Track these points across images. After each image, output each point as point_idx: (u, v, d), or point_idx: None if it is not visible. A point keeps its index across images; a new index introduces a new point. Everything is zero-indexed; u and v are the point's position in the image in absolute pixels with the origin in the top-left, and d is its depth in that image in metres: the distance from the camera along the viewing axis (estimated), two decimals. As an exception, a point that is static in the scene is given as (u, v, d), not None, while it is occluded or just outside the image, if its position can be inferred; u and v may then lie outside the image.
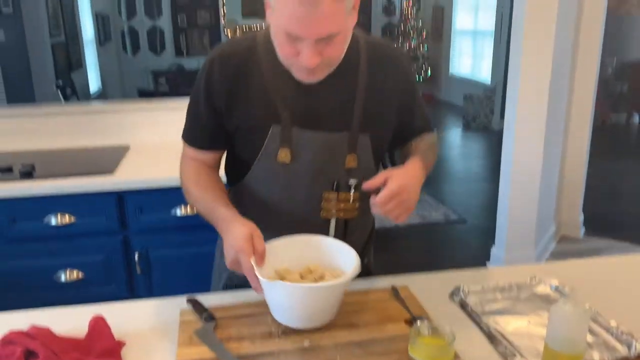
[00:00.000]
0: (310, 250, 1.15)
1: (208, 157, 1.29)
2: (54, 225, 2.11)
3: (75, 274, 2.17)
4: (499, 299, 1.22)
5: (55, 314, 1.18)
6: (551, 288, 1.24)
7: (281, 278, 1.07)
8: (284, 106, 1.16)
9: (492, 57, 8.18)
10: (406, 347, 1.00)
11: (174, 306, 1.18)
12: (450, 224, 4.22)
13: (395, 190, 1.07)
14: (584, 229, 3.94)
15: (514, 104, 3.14)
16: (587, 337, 1.06)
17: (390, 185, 1.08)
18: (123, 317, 1.15)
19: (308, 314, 1.05)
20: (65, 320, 1.13)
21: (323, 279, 1.09)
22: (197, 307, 1.14)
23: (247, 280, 1.05)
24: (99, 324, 1.06)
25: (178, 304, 1.19)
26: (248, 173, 1.23)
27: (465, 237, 4.03)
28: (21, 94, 5.70)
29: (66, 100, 5.81)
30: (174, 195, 2.16)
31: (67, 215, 2.12)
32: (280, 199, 1.23)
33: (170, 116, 2.72)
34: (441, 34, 10.14)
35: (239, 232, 1.06)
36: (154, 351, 1.05)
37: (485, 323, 1.10)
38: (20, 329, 1.03)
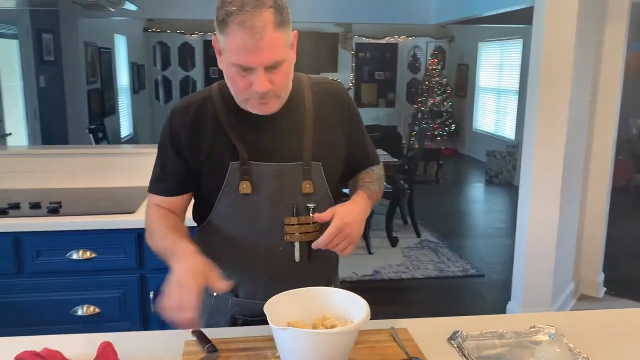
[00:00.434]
0: (322, 302, 1.18)
1: (174, 203, 1.36)
2: (76, 260, 2.19)
3: (92, 309, 2.24)
4: (497, 345, 1.24)
5: (68, 340, 1.24)
6: (549, 336, 1.25)
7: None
8: (240, 144, 1.27)
9: (517, 114, 8.25)
10: (399, 385, 1.03)
11: (180, 338, 1.23)
12: (468, 277, 4.19)
13: (340, 226, 1.19)
14: (604, 289, 3.88)
15: (529, 161, 3.18)
16: (581, 385, 1.08)
17: (335, 222, 1.20)
18: (131, 346, 1.20)
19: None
20: (76, 346, 1.19)
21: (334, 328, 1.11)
22: (201, 339, 1.19)
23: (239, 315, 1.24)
24: (107, 349, 1.11)
25: (184, 336, 1.24)
26: (213, 209, 1.31)
27: (483, 292, 3.99)
28: (56, 135, 5.95)
29: (97, 143, 6.04)
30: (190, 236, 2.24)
31: (89, 251, 2.21)
32: (245, 229, 1.30)
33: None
34: (465, 90, 10.30)
35: (201, 261, 1.14)
36: (157, 379, 1.09)
37: (480, 367, 1.12)
38: (34, 350, 1.09)
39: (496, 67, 9.28)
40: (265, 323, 1.19)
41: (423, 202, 6.35)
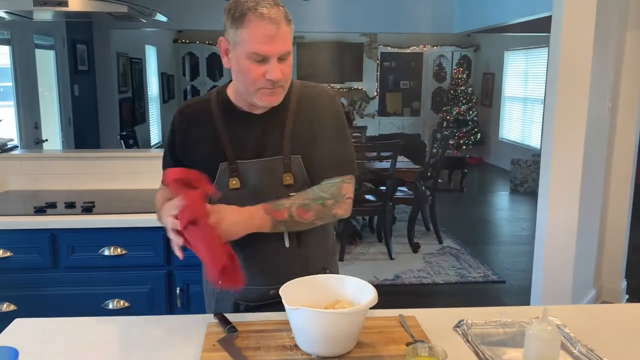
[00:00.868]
0: (334, 288, 1.27)
1: None
2: (107, 256, 2.32)
3: (122, 303, 2.36)
4: (500, 333, 1.30)
5: (102, 322, 1.36)
6: (552, 326, 1.31)
7: None
8: (229, 145, 1.42)
9: (542, 123, 8.21)
10: (403, 364, 1.11)
11: (204, 320, 1.33)
12: (489, 283, 4.22)
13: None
14: (627, 297, 3.86)
15: (548, 168, 3.21)
16: (578, 369, 1.14)
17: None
18: (159, 327, 1.31)
19: (328, 340, 1.14)
20: (109, 329, 1.30)
21: None
22: (223, 321, 1.29)
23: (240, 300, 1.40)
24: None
25: (207, 319, 1.34)
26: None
27: (503, 297, 4.01)
28: (88, 142, 6.17)
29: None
30: (215, 233, 2.35)
31: (119, 248, 2.33)
32: None
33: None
34: (491, 99, 10.29)
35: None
36: (182, 355, 1.19)
37: (481, 350, 1.19)
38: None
39: (522, 76, 9.25)
40: (265, 309, 1.36)
41: (447, 210, 6.39)
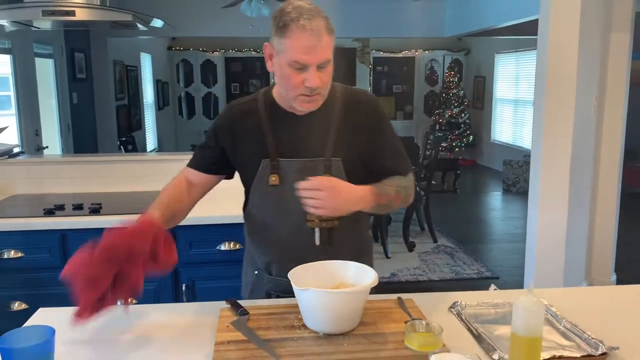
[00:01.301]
0: (338, 272, 1.38)
1: (198, 178, 1.60)
2: (115, 255, 2.40)
3: (130, 300, 2.44)
4: (492, 313, 1.41)
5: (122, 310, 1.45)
6: (539, 306, 1.42)
7: None
8: (272, 143, 1.49)
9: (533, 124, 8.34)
10: (403, 339, 1.21)
11: (217, 306, 1.43)
12: (482, 279, 4.33)
13: (324, 182, 1.35)
14: (617, 289, 3.97)
15: (537, 167, 3.34)
16: (564, 341, 1.25)
17: (323, 178, 1.38)
18: (177, 313, 1.40)
19: (333, 318, 1.24)
20: (132, 315, 1.39)
21: None
22: (235, 306, 1.38)
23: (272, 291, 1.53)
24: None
25: (220, 305, 1.43)
26: (249, 198, 1.56)
27: (497, 293, 4.11)
28: (87, 149, 6.25)
29: (127, 156, 6.30)
30: (220, 231, 2.45)
31: (127, 247, 2.42)
32: (275, 216, 1.52)
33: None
34: (482, 102, 10.44)
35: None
36: (198, 337, 1.29)
37: (474, 327, 1.30)
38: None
39: (512, 78, 9.41)
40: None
41: (441, 210, 6.50)
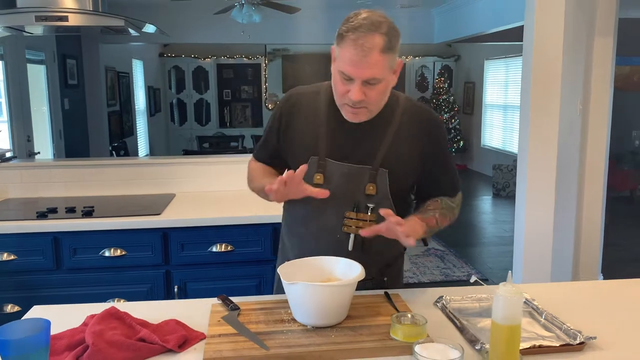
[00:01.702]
0: (327, 268, 1.42)
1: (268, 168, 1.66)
2: (108, 257, 2.43)
3: (123, 302, 2.46)
4: (476, 307, 1.45)
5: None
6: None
7: None
8: (324, 142, 1.51)
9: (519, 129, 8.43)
10: (388, 331, 1.25)
11: (208, 302, 1.46)
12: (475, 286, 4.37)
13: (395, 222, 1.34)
14: (604, 290, 4.03)
15: (524, 171, 3.40)
16: (544, 332, 1.29)
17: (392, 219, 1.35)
18: (170, 309, 1.43)
19: (321, 311, 1.27)
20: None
21: None
22: (226, 302, 1.42)
23: None
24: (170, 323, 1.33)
25: (211, 301, 1.47)
26: None
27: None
28: (79, 153, 6.26)
29: (118, 162, 6.31)
30: (211, 233, 2.48)
31: (119, 249, 2.45)
32: (314, 213, 1.53)
33: (211, 170, 3.09)
34: (472, 107, 10.53)
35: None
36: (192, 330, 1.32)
37: (458, 319, 1.34)
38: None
39: (502, 84, 9.51)
40: None
41: (431, 214, 6.54)
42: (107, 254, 2.44)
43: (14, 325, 1.07)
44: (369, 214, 1.50)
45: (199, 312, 1.42)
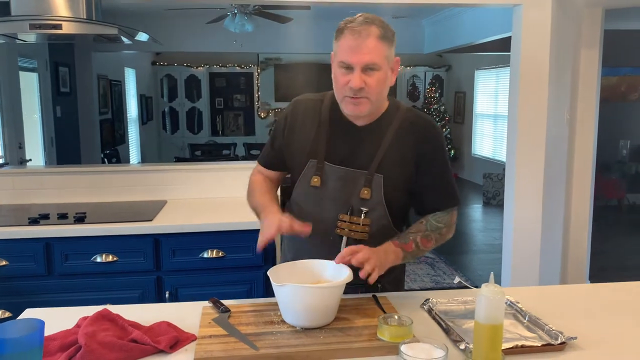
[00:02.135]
0: (316, 271, 1.45)
1: (271, 174, 1.73)
2: (99, 263, 2.45)
3: (114, 305, 2.48)
4: (462, 310, 1.49)
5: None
6: (506, 303, 1.50)
7: None
8: (322, 146, 1.56)
9: (507, 138, 8.52)
10: (376, 332, 1.28)
11: (199, 305, 1.49)
12: (462, 288, 4.40)
13: (362, 255, 1.39)
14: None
15: (512, 179, 3.46)
16: (527, 333, 1.33)
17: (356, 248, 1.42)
18: (161, 312, 1.45)
19: (310, 312, 1.30)
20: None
21: None
22: (217, 304, 1.44)
23: None
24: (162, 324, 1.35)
25: (202, 304, 1.49)
26: (293, 190, 1.63)
27: (476, 302, 4.20)
28: (70, 161, 6.25)
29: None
30: (203, 239, 2.51)
31: (111, 255, 2.47)
32: (309, 215, 1.56)
33: (203, 177, 3.12)
34: (463, 117, 10.62)
35: (284, 217, 1.46)
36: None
37: (444, 321, 1.37)
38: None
39: (492, 94, 9.60)
40: None
41: (422, 223, 6.58)
42: (99, 259, 2.46)
43: (8, 325, 1.09)
44: (362, 217, 1.53)
45: (190, 315, 1.44)
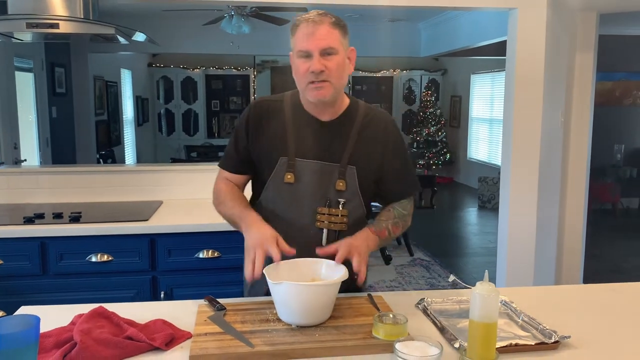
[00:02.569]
0: (312, 269, 1.45)
1: (237, 179, 1.70)
2: (94, 262, 2.44)
3: (110, 303, 2.47)
4: (456, 309, 1.49)
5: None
6: (500, 302, 1.51)
7: None
8: (292, 143, 1.57)
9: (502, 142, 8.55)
10: (371, 330, 1.28)
11: (195, 303, 1.49)
12: (456, 287, 4.42)
13: (345, 250, 1.44)
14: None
15: (507, 182, 3.48)
16: (521, 332, 1.34)
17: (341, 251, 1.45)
18: (157, 310, 1.46)
19: (305, 310, 1.30)
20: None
21: None
22: (212, 302, 1.44)
23: None
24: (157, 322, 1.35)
25: (197, 302, 1.49)
26: (263, 191, 1.61)
27: (471, 305, 4.21)
28: (65, 162, 6.24)
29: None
30: (198, 239, 2.51)
31: (106, 255, 2.47)
32: (286, 212, 1.57)
33: (199, 177, 3.12)
34: (459, 120, 10.66)
35: (269, 231, 1.44)
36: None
37: (439, 320, 1.38)
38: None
39: (488, 98, 9.64)
40: None
41: (418, 226, 6.60)
42: (94, 259, 2.45)
43: (4, 321, 1.09)
44: (341, 208, 1.56)
45: (185, 313, 1.44)
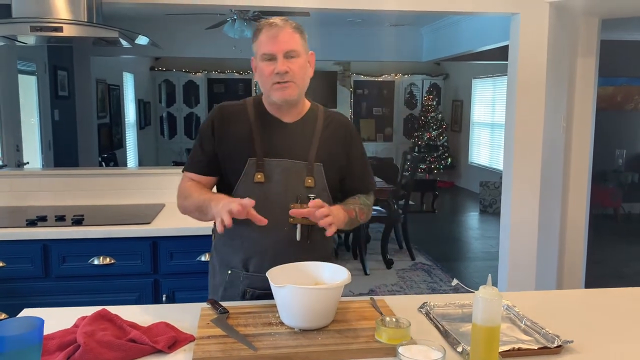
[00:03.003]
0: (314, 272, 1.47)
1: (203, 181, 1.69)
2: (97, 265, 2.45)
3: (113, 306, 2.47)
4: (459, 313, 1.49)
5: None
6: (503, 307, 1.51)
7: None
8: (259, 143, 1.62)
9: (504, 146, 8.55)
10: (373, 334, 1.28)
11: (198, 308, 1.49)
12: (458, 291, 4.41)
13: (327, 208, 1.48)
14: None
15: (509, 187, 3.48)
16: (524, 336, 1.34)
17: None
18: (160, 313, 1.46)
19: (308, 314, 1.31)
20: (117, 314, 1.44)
21: None
22: (215, 306, 1.45)
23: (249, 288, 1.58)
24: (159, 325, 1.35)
25: (200, 305, 1.49)
26: (232, 193, 1.62)
27: (472, 309, 4.21)
28: (67, 165, 6.25)
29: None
30: (200, 242, 2.51)
31: (109, 258, 2.47)
32: (260, 211, 1.51)
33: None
34: (460, 125, 10.66)
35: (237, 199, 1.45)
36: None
37: (441, 324, 1.38)
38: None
39: (489, 103, 9.64)
40: (270, 297, 1.43)
41: (420, 230, 6.61)
42: (96, 262, 2.46)
43: (8, 323, 1.09)
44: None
45: (188, 316, 1.45)
